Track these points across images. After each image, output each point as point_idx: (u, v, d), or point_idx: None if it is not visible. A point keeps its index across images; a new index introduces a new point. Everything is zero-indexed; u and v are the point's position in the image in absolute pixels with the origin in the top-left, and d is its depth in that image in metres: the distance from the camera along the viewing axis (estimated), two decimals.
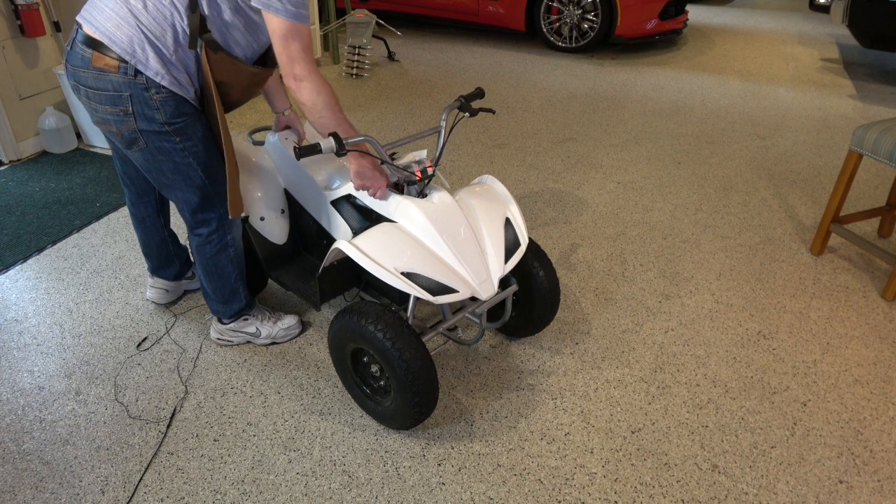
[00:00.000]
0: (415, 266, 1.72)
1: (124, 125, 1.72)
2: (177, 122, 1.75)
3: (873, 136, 2.38)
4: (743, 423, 1.93)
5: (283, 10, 1.59)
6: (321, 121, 1.73)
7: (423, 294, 1.70)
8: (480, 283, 1.79)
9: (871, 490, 1.73)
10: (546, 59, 5.50)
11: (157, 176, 1.86)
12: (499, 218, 1.90)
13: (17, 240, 2.83)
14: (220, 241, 1.98)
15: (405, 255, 1.73)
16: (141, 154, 1.79)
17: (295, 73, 1.65)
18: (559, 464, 1.80)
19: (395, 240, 1.76)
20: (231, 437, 1.88)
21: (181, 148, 1.79)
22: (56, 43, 3.65)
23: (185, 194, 1.89)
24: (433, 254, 1.77)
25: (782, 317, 2.39)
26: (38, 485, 1.74)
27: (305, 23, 1.63)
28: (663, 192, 3.27)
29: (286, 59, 1.64)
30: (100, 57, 1.65)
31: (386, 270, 1.69)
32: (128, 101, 1.68)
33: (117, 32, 1.63)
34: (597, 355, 2.19)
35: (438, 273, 1.74)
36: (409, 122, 4.14)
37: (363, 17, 4.85)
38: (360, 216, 2.00)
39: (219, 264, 2.02)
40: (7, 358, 2.18)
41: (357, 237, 1.77)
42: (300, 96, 1.69)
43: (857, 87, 4.83)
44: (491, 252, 1.85)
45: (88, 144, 3.74)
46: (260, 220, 2.17)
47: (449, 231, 1.78)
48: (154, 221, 2.20)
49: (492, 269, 1.83)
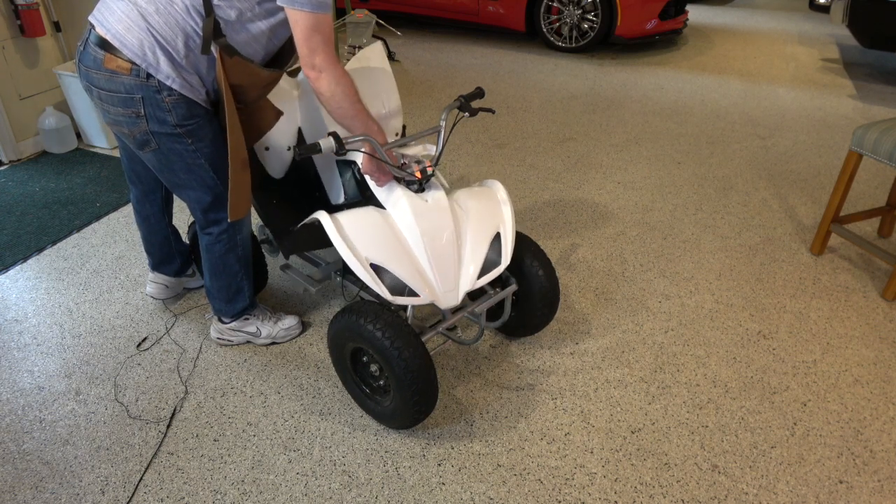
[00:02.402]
0: (385, 260, 1.72)
1: (136, 127, 1.72)
2: (189, 123, 1.75)
3: (873, 136, 2.38)
4: (743, 423, 1.93)
5: (307, 3, 1.59)
6: (340, 111, 1.73)
7: (382, 290, 1.70)
8: (445, 293, 1.78)
9: (871, 490, 1.73)
10: (546, 59, 5.50)
11: (170, 176, 1.86)
12: (488, 231, 1.88)
13: (17, 240, 2.83)
14: (230, 240, 1.98)
15: (379, 247, 1.73)
16: (153, 155, 1.80)
17: (315, 63, 1.65)
18: (559, 464, 1.80)
19: (375, 227, 1.76)
20: (231, 437, 1.88)
21: (193, 149, 1.79)
22: (56, 43, 3.65)
23: (196, 194, 1.89)
24: (407, 252, 1.77)
25: (782, 317, 2.39)
26: (38, 485, 1.74)
27: (327, 11, 1.63)
28: (663, 192, 3.27)
29: (307, 51, 1.64)
30: (112, 59, 1.64)
31: (354, 257, 1.70)
32: (140, 104, 1.68)
33: (128, 35, 1.63)
34: (597, 355, 2.19)
35: (406, 273, 1.74)
36: (409, 122, 4.14)
37: (363, 17, 4.85)
38: (357, 186, 2.01)
39: (227, 263, 2.03)
40: (7, 358, 2.18)
41: (341, 213, 1.77)
42: (319, 86, 1.68)
43: (857, 87, 4.83)
44: (467, 263, 1.83)
45: (88, 144, 3.74)
46: (265, 150, 2.14)
47: (431, 233, 1.78)
48: (158, 219, 2.21)
49: (461, 280, 1.81)
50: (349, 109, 1.73)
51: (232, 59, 1.70)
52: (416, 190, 1.85)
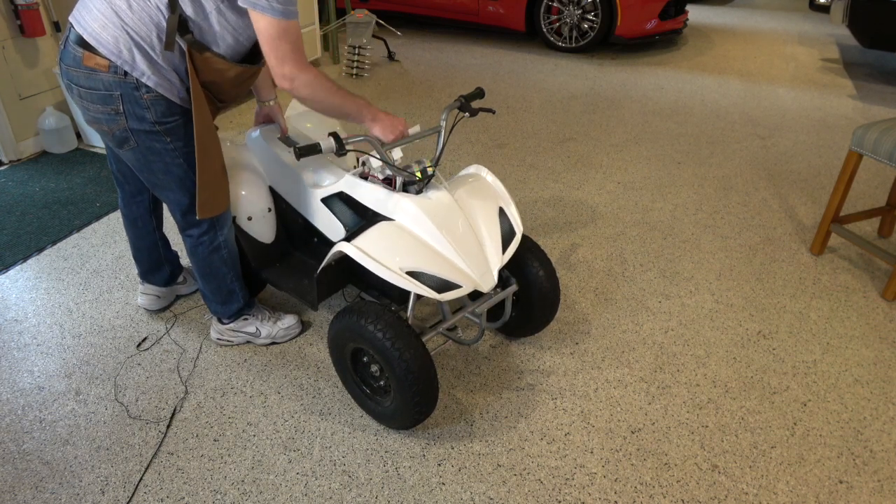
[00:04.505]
0: (418, 264, 1.72)
1: (115, 124, 1.72)
2: (167, 122, 1.75)
3: (873, 136, 2.38)
4: (743, 423, 1.93)
5: (270, 9, 1.57)
6: (325, 108, 1.73)
7: (429, 292, 1.70)
8: (481, 276, 1.80)
9: (871, 490, 1.73)
10: (546, 59, 5.50)
11: (149, 176, 1.85)
12: (493, 209, 1.91)
13: (17, 240, 2.83)
14: (211, 242, 1.97)
15: (408, 254, 1.73)
16: (132, 153, 1.79)
17: (284, 72, 1.64)
18: (559, 464, 1.80)
19: (397, 238, 1.76)
20: (231, 437, 1.88)
21: (172, 148, 1.79)
22: (56, 43, 3.65)
23: (175, 195, 1.88)
24: (434, 250, 1.77)
25: (782, 317, 2.39)
26: (38, 485, 1.74)
27: (294, 19, 1.61)
28: (663, 192, 3.27)
29: (275, 60, 1.62)
30: (90, 56, 1.64)
31: (391, 271, 1.69)
32: (118, 101, 1.68)
33: (103, 33, 1.63)
34: (597, 355, 2.19)
35: (441, 269, 1.74)
36: (410, 122, 4.14)
37: (363, 17, 4.85)
38: (355, 213, 2.00)
39: (213, 265, 2.02)
40: (7, 358, 2.18)
41: (358, 237, 1.76)
42: (295, 93, 1.68)
43: (857, 87, 4.83)
44: (489, 244, 1.85)
45: (88, 144, 3.74)
46: (247, 220, 2.15)
47: (447, 226, 1.79)
48: (146, 223, 2.18)
49: (490, 260, 1.84)
50: (332, 102, 1.72)
51: (202, 56, 1.69)
52: (416, 191, 1.85)
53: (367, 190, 1.89)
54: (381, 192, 1.85)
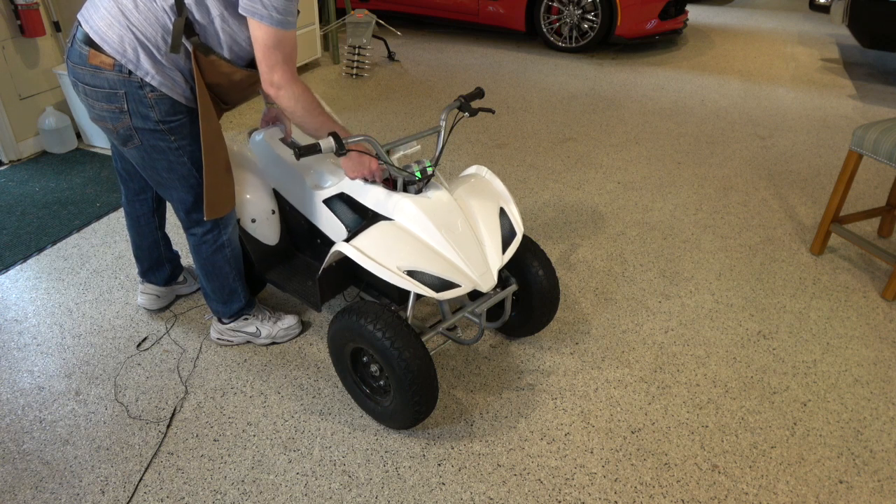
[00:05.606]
0: (417, 263, 1.72)
1: (120, 122, 1.73)
2: (172, 120, 1.75)
3: (873, 136, 2.38)
4: (743, 423, 1.93)
5: (269, 18, 1.59)
6: (303, 127, 1.77)
7: (427, 291, 1.70)
8: (481, 276, 1.80)
9: (871, 490, 1.73)
10: (546, 59, 5.50)
11: (152, 174, 1.86)
12: (493, 209, 1.91)
13: (17, 240, 2.83)
14: (214, 241, 1.98)
15: (406, 253, 1.73)
16: (136, 152, 1.80)
17: (273, 80, 1.66)
18: (559, 464, 1.80)
19: (395, 238, 1.76)
20: (231, 437, 1.88)
21: (176, 147, 1.79)
22: (56, 43, 3.65)
23: (179, 194, 1.89)
24: (433, 250, 1.77)
25: (782, 317, 2.39)
26: (38, 485, 1.74)
27: (292, 29, 1.64)
28: (663, 192, 3.27)
29: (266, 67, 1.65)
30: (96, 55, 1.65)
31: (389, 270, 1.69)
32: (123, 99, 1.69)
33: (108, 32, 1.63)
34: (597, 355, 2.19)
35: (440, 269, 1.74)
36: (409, 122, 4.14)
37: (363, 17, 4.85)
38: (355, 214, 2.00)
39: (216, 265, 2.02)
40: (7, 358, 2.18)
41: (356, 237, 1.76)
42: (279, 102, 1.72)
43: (857, 87, 4.83)
44: (488, 244, 1.86)
45: (88, 144, 3.74)
46: (251, 223, 2.15)
47: (446, 225, 1.79)
48: (148, 221, 2.19)
49: (490, 260, 1.84)
50: (311, 123, 1.75)
51: (208, 58, 1.70)
52: (415, 191, 1.85)
53: (367, 190, 1.89)
54: (381, 192, 1.86)
